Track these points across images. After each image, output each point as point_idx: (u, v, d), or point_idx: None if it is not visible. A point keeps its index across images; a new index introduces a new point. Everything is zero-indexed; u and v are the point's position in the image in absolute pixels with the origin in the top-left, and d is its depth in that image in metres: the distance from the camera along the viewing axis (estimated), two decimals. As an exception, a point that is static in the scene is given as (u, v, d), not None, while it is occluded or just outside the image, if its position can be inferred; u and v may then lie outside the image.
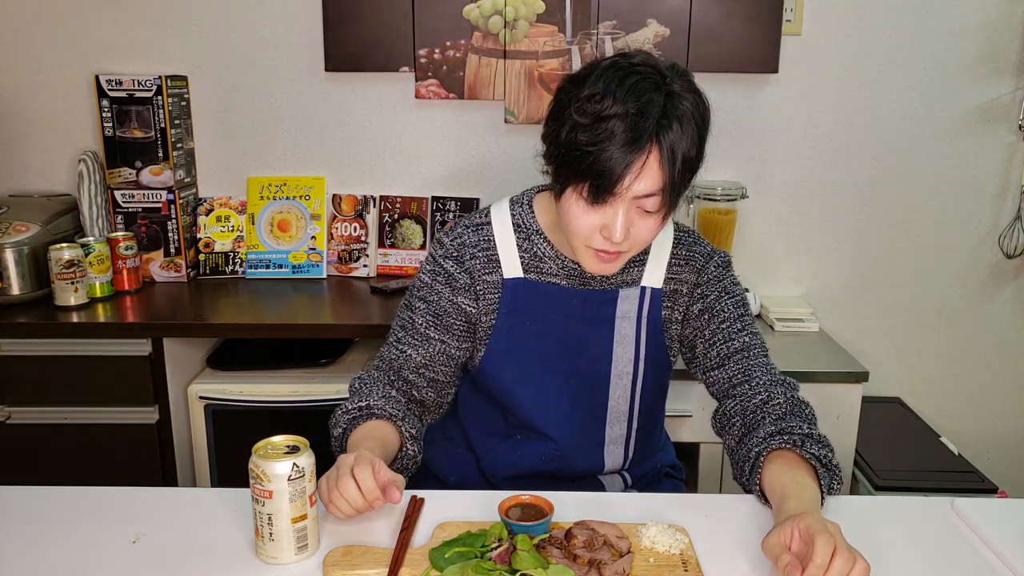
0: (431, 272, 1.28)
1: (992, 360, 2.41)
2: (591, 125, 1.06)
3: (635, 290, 1.27)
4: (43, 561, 1.00)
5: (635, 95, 1.05)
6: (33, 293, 1.99)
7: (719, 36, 2.12)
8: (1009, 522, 1.09)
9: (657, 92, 1.06)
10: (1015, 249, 2.30)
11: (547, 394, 1.28)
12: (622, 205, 1.09)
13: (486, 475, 1.35)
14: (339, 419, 1.22)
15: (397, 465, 1.21)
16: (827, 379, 1.91)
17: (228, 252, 2.30)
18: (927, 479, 1.94)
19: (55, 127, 2.29)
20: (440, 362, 1.27)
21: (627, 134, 1.04)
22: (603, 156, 1.05)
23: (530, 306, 1.26)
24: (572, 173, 1.09)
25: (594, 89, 1.07)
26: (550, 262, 1.25)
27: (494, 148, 2.30)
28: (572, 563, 0.95)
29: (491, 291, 1.26)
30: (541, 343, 1.27)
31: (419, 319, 1.27)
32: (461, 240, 1.28)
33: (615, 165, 1.05)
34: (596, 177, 1.06)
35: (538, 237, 1.25)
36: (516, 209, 1.28)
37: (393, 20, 2.15)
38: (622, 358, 1.28)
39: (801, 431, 1.13)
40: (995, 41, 2.20)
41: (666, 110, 1.06)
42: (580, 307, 1.26)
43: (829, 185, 2.30)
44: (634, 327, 1.28)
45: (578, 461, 1.32)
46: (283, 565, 0.99)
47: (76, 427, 1.93)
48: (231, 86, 2.28)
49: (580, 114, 1.07)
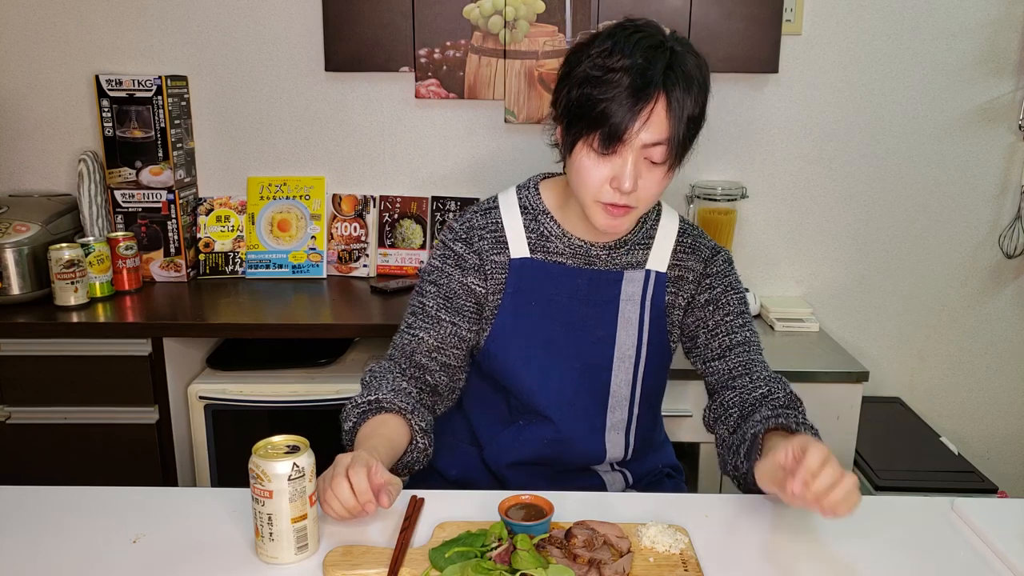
0: (441, 256, 1.32)
1: (992, 360, 2.41)
2: (600, 78, 1.12)
3: (640, 272, 1.29)
4: (43, 561, 1.00)
5: (641, 50, 1.12)
6: (33, 293, 1.99)
7: (719, 36, 2.12)
8: (1009, 522, 1.09)
9: (662, 49, 1.13)
10: (1015, 249, 2.30)
11: (550, 376, 1.29)
12: (631, 154, 1.13)
13: (489, 466, 1.35)
14: (349, 413, 1.23)
15: (408, 459, 1.21)
16: (827, 379, 1.91)
17: (228, 252, 2.31)
18: (927, 479, 1.94)
19: (55, 127, 2.29)
20: (452, 344, 1.29)
21: (635, 83, 1.10)
22: (612, 105, 1.10)
23: (536, 286, 1.29)
24: (583, 126, 1.14)
25: (603, 46, 1.14)
26: (556, 241, 1.28)
27: (494, 148, 2.30)
28: (572, 563, 0.95)
29: (499, 271, 1.29)
30: (546, 324, 1.29)
31: (430, 302, 1.30)
32: (470, 224, 1.31)
33: (624, 113, 1.10)
34: (606, 125, 1.11)
35: (544, 217, 1.29)
36: (523, 193, 1.32)
37: (393, 20, 2.15)
38: (625, 341, 1.30)
39: (799, 421, 1.17)
40: (995, 41, 2.20)
41: (671, 64, 1.12)
42: (585, 287, 1.29)
43: (829, 185, 2.30)
44: (638, 310, 1.30)
45: (579, 447, 1.32)
46: (283, 565, 0.99)
47: (76, 427, 1.93)
48: (231, 86, 2.28)
49: (591, 68, 1.13)
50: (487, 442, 1.35)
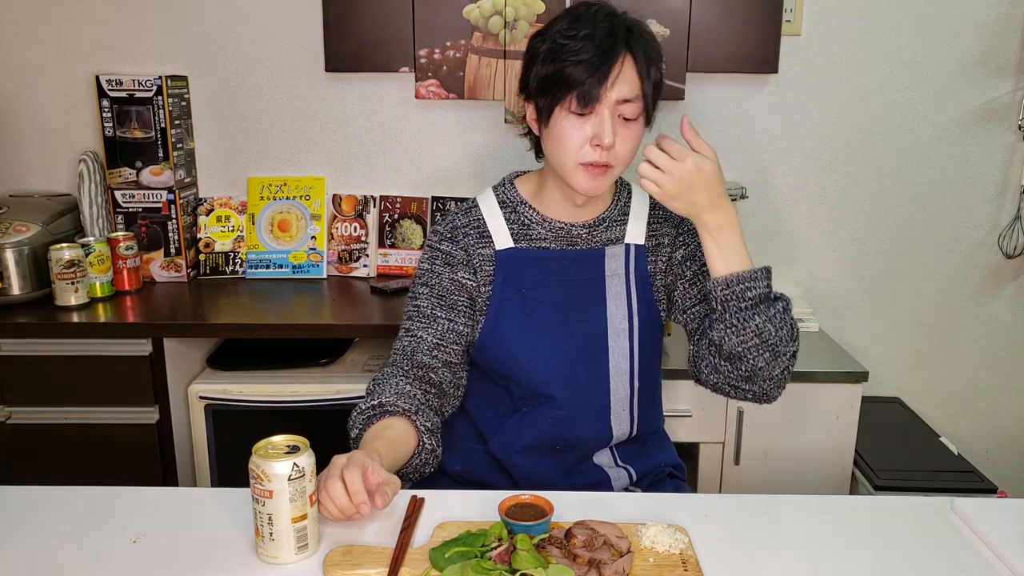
0: (429, 258, 1.36)
1: (992, 360, 2.41)
2: (568, 46, 1.20)
3: (620, 247, 1.35)
4: (43, 561, 1.00)
5: (600, 19, 1.22)
6: (33, 293, 2.00)
7: (719, 36, 2.12)
8: (1009, 522, 1.10)
9: (619, 18, 1.23)
10: (1015, 249, 2.30)
11: (549, 358, 1.31)
12: (607, 109, 1.20)
13: (496, 456, 1.36)
14: (355, 421, 1.23)
15: (416, 461, 1.22)
16: (827, 379, 1.91)
17: (228, 252, 2.31)
18: (927, 479, 1.94)
19: (55, 127, 2.29)
20: (451, 340, 1.31)
21: (603, 44, 1.19)
22: (583, 67, 1.18)
23: (524, 273, 1.33)
24: (558, 91, 1.21)
25: (562, 24, 1.23)
26: (537, 227, 1.34)
27: (494, 148, 2.30)
28: (572, 563, 0.96)
29: (486, 264, 1.33)
30: (538, 309, 1.32)
31: (424, 303, 1.33)
32: (453, 223, 1.37)
33: (595, 72, 1.18)
34: (582, 85, 1.18)
35: (523, 207, 1.35)
36: (499, 190, 1.38)
37: (393, 20, 2.15)
38: (616, 314, 1.33)
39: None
40: (995, 41, 2.20)
41: (630, 28, 1.22)
42: (571, 268, 1.33)
43: (829, 185, 2.30)
44: (623, 284, 1.34)
45: (585, 424, 1.33)
46: (283, 565, 0.99)
47: (76, 427, 1.93)
48: (231, 86, 2.28)
49: (558, 40, 1.21)
50: (492, 434, 1.36)
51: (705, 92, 2.23)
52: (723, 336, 1.22)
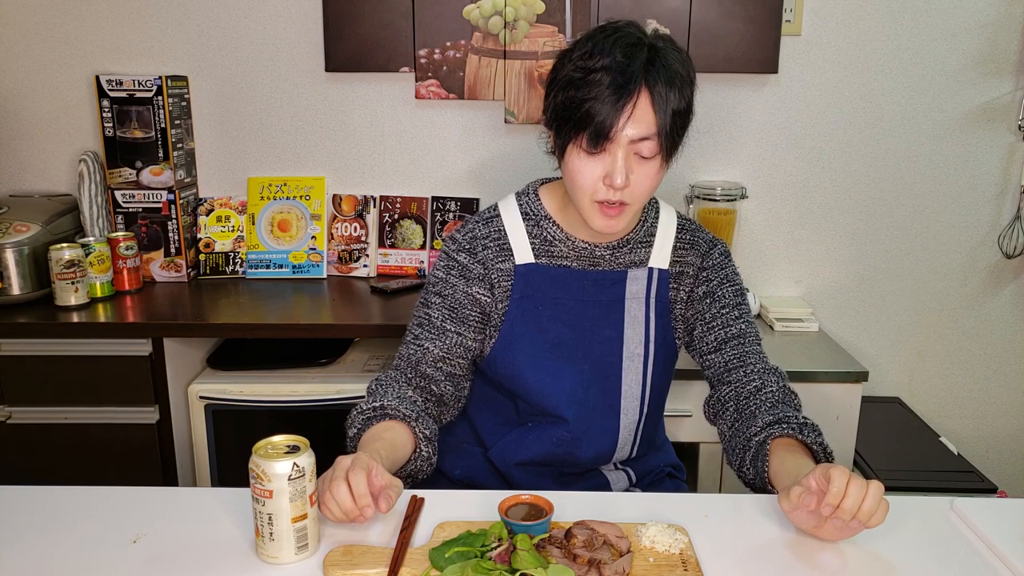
0: (445, 267, 1.32)
1: (992, 360, 2.41)
2: (583, 79, 1.15)
3: (643, 271, 1.31)
4: (43, 561, 1.00)
5: (621, 48, 1.14)
6: (33, 293, 2.00)
7: (719, 36, 2.12)
8: (1009, 522, 1.10)
9: (640, 46, 1.15)
10: (1015, 249, 2.30)
11: (560, 379, 1.30)
12: (620, 150, 1.15)
13: (495, 464, 1.35)
14: (354, 420, 1.23)
15: (411, 467, 1.21)
16: (827, 379, 1.91)
17: (228, 252, 2.31)
18: (927, 479, 1.94)
19: (55, 127, 2.29)
20: (457, 354, 1.30)
21: (616, 80, 1.13)
22: (596, 104, 1.13)
23: (542, 290, 1.29)
24: (571, 127, 1.16)
25: (583, 49, 1.17)
26: (560, 244, 1.29)
27: (494, 148, 2.30)
28: (572, 563, 0.95)
29: (504, 279, 1.30)
30: (553, 327, 1.29)
31: (435, 313, 1.30)
32: (473, 234, 1.32)
33: (608, 110, 1.13)
34: (592, 125, 1.14)
35: (547, 222, 1.30)
36: (523, 199, 1.33)
37: (393, 20, 2.15)
38: (632, 339, 1.31)
39: (797, 420, 1.18)
40: (995, 41, 2.20)
41: (651, 59, 1.14)
42: (591, 289, 1.30)
43: (829, 185, 2.30)
44: (643, 308, 1.31)
45: (589, 446, 1.32)
46: (283, 565, 0.99)
47: (76, 427, 1.93)
48: (231, 86, 2.28)
49: (573, 71, 1.16)
50: (493, 442, 1.36)
51: (705, 92, 2.22)
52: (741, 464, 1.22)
